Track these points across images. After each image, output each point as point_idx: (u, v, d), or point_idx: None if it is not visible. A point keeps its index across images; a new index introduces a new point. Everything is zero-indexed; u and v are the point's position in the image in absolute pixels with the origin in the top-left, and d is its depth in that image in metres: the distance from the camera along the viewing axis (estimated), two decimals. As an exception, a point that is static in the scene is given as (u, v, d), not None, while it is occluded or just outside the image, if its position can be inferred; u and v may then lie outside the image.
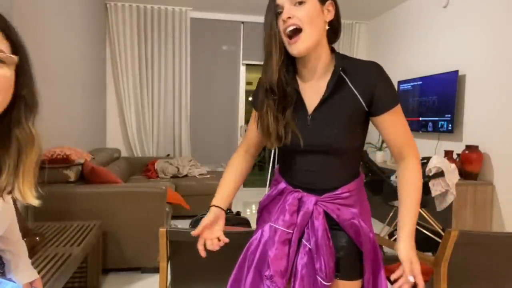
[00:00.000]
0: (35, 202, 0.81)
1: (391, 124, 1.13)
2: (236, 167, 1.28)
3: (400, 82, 4.70)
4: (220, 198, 1.22)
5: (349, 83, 1.09)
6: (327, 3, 1.08)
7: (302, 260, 1.12)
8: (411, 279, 1.03)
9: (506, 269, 1.62)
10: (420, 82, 4.33)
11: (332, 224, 1.13)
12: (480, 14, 3.57)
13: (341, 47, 5.58)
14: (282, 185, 1.21)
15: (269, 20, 1.08)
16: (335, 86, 1.09)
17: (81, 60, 4.04)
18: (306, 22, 1.04)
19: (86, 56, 4.22)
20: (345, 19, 5.55)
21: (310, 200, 1.13)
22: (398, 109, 1.13)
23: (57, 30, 3.31)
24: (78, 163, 3.13)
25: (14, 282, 1.05)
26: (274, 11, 1.07)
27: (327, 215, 1.13)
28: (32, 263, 1.79)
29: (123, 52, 5.05)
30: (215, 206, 1.20)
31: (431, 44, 4.26)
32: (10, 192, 0.78)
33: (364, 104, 1.10)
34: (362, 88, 1.09)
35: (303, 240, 1.13)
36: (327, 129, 1.10)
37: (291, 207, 1.14)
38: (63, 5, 3.45)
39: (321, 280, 1.08)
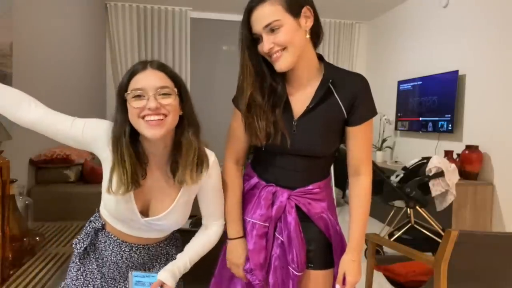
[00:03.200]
0: (189, 183, 1.10)
1: (358, 138, 1.17)
2: (238, 187, 1.24)
3: (400, 82, 4.70)
4: (240, 226, 1.22)
5: (335, 94, 1.13)
6: (303, 10, 1.07)
7: (275, 252, 1.19)
8: (337, 287, 1.16)
9: (506, 269, 1.62)
10: (420, 82, 4.32)
11: (303, 217, 1.18)
12: (480, 14, 3.56)
13: (341, 47, 5.58)
14: (254, 180, 1.24)
15: (243, 48, 1.10)
16: (322, 96, 1.12)
17: (81, 60, 4.04)
18: (287, 43, 1.05)
19: (86, 56, 4.22)
20: (345, 19, 5.55)
21: (283, 194, 1.18)
22: (369, 126, 1.17)
23: (57, 30, 3.31)
24: (78, 163, 3.13)
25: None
26: (248, 37, 1.09)
27: (298, 208, 1.18)
28: (32, 263, 1.79)
29: (123, 52, 5.05)
30: (241, 237, 1.21)
31: (431, 44, 4.26)
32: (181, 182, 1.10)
33: (345, 113, 1.14)
34: (346, 99, 1.13)
35: (276, 233, 1.19)
36: (310, 137, 1.14)
37: (266, 201, 1.18)
38: (63, 5, 3.45)
39: (293, 270, 1.15)
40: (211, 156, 1.17)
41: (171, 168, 1.12)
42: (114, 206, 1.11)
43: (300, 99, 1.15)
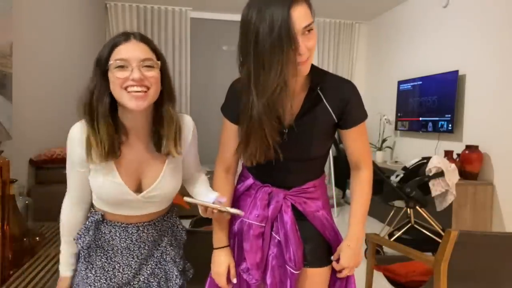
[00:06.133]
0: (175, 154, 1.13)
1: (354, 138, 1.19)
2: (227, 197, 1.22)
3: (400, 82, 4.70)
4: (225, 236, 1.22)
5: (324, 100, 1.13)
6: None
7: (272, 252, 1.20)
8: (331, 258, 1.22)
9: (506, 269, 1.62)
10: (420, 82, 4.33)
11: (299, 216, 1.20)
12: (480, 14, 3.56)
13: (341, 47, 5.58)
14: (250, 180, 1.25)
15: (288, 43, 0.95)
16: (312, 103, 1.12)
17: (81, 60, 4.04)
18: (314, 47, 1.02)
19: (86, 56, 4.22)
20: (345, 19, 5.55)
21: (279, 194, 1.20)
22: (363, 126, 1.19)
23: (57, 30, 3.32)
24: (78, 163, 3.12)
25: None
26: (287, 25, 0.95)
27: (294, 208, 1.20)
28: (32, 263, 1.79)
29: (123, 52, 5.04)
30: (225, 246, 1.21)
31: (431, 44, 4.26)
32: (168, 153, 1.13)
33: (335, 118, 1.15)
34: (335, 104, 1.13)
35: (272, 233, 1.20)
36: (302, 143, 1.15)
37: (262, 202, 1.19)
38: (63, 5, 3.45)
39: (291, 269, 1.16)
40: (190, 122, 1.23)
41: (154, 141, 1.14)
42: (106, 194, 1.12)
43: (290, 108, 1.12)
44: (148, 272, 1.21)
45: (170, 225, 1.27)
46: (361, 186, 1.22)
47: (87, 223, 1.20)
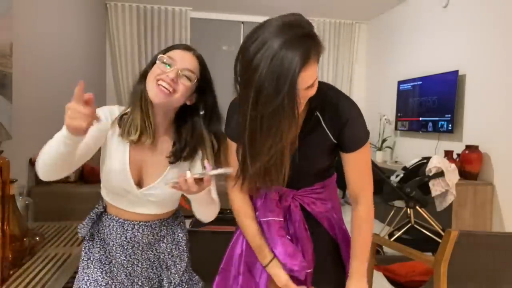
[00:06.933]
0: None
1: (353, 165, 1.14)
2: (252, 215, 1.20)
3: (400, 82, 4.70)
4: (268, 250, 1.17)
5: (323, 123, 1.10)
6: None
7: None
8: None
9: (506, 269, 1.62)
10: (420, 82, 4.32)
11: (308, 216, 1.20)
12: (480, 14, 3.56)
13: (341, 47, 5.58)
14: None
15: (295, 103, 0.90)
16: (310, 126, 1.10)
17: (81, 60, 4.04)
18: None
19: (86, 56, 4.22)
20: (345, 19, 5.55)
21: (287, 194, 1.19)
22: (364, 149, 1.12)
23: (57, 30, 3.32)
24: (78, 163, 3.13)
25: None
26: (293, 91, 0.89)
27: (303, 209, 1.19)
28: (32, 263, 1.79)
29: (123, 52, 5.05)
30: (273, 259, 1.17)
31: (431, 44, 4.26)
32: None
33: (334, 140, 1.11)
34: (333, 127, 1.10)
35: None
36: (303, 163, 1.13)
37: (274, 199, 1.19)
38: (63, 5, 3.45)
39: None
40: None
41: (174, 148, 1.17)
42: (112, 181, 1.16)
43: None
44: (144, 275, 1.24)
45: (171, 232, 1.28)
46: (359, 224, 1.15)
47: (91, 214, 1.26)
